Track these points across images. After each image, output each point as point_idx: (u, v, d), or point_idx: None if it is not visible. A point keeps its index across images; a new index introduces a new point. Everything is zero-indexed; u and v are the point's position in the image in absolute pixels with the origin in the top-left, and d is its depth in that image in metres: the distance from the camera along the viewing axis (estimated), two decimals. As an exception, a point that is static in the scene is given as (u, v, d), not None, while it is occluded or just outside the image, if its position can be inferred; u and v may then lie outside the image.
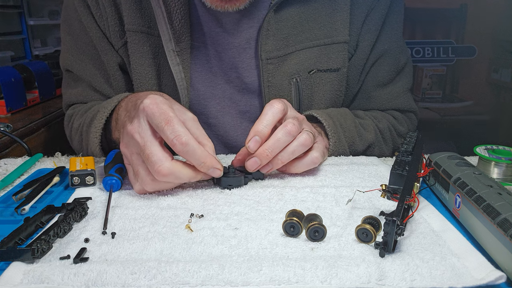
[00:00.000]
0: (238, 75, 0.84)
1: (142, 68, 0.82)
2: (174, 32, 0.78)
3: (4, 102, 1.21)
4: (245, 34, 0.81)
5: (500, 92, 2.26)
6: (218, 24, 0.81)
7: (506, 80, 2.17)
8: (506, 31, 2.14)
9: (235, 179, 0.63)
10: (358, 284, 0.40)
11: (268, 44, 0.79)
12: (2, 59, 1.64)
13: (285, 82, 0.81)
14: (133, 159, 0.58)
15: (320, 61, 0.82)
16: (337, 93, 0.84)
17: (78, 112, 0.87)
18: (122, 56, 0.85)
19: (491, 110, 2.23)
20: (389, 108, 0.90)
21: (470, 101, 2.21)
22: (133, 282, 0.40)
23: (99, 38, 0.84)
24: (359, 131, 0.81)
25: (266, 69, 0.80)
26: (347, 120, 0.81)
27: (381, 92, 0.88)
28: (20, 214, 0.55)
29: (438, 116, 2.15)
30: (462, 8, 2.21)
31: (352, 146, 0.80)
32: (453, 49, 2.23)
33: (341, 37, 0.81)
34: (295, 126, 0.61)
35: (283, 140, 0.61)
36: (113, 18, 0.81)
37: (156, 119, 0.55)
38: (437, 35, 2.29)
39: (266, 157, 0.61)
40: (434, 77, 2.28)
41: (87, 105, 0.87)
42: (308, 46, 0.81)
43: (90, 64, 0.86)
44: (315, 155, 0.66)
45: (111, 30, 0.82)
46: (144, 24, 0.80)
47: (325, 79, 0.83)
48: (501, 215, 0.44)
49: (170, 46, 0.78)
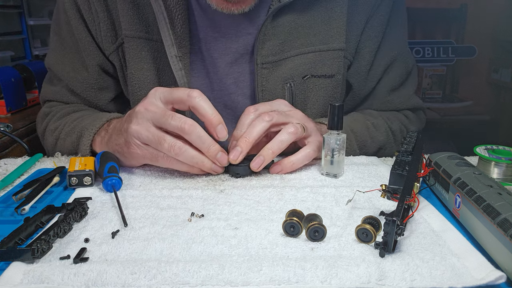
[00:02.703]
0: (234, 81, 0.84)
1: (140, 73, 0.82)
2: (176, 37, 0.78)
3: (4, 102, 1.21)
4: (243, 39, 0.82)
5: (500, 92, 2.26)
6: (215, 30, 0.81)
7: (506, 80, 2.17)
8: (506, 31, 2.14)
9: (242, 168, 0.66)
10: (358, 284, 0.40)
11: (264, 49, 0.80)
12: (2, 59, 1.64)
13: (279, 87, 0.82)
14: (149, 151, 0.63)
15: (315, 67, 0.83)
16: (330, 99, 0.86)
17: (56, 114, 0.87)
18: (113, 61, 0.85)
19: (491, 110, 2.23)
20: (403, 108, 0.92)
21: (470, 101, 2.22)
22: (133, 282, 0.40)
23: (87, 42, 0.84)
24: (371, 133, 0.84)
25: (261, 74, 0.81)
26: (358, 124, 0.84)
27: (395, 96, 0.91)
28: (20, 214, 0.55)
29: (438, 116, 2.16)
30: (462, 8, 2.22)
31: (363, 149, 0.82)
32: (453, 49, 2.23)
33: (336, 44, 0.82)
34: (267, 114, 0.66)
35: (258, 126, 0.65)
36: (105, 24, 0.82)
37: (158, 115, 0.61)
38: (437, 35, 2.29)
39: (246, 142, 0.64)
40: (434, 77, 2.28)
41: (65, 109, 0.87)
42: (303, 52, 0.82)
43: (71, 67, 0.87)
44: (308, 150, 0.68)
45: (102, 35, 0.83)
46: (142, 30, 0.81)
47: (319, 85, 0.84)
48: (501, 215, 0.44)
49: (173, 51, 0.78)
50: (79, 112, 0.85)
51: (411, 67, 0.91)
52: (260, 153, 0.65)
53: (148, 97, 0.64)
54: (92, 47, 0.84)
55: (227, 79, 0.84)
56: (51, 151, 0.86)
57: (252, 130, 0.65)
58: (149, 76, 0.82)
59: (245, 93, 0.85)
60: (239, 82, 0.84)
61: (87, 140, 0.74)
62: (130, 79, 0.83)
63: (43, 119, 0.90)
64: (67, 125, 0.81)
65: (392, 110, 0.91)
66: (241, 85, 0.84)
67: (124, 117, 0.68)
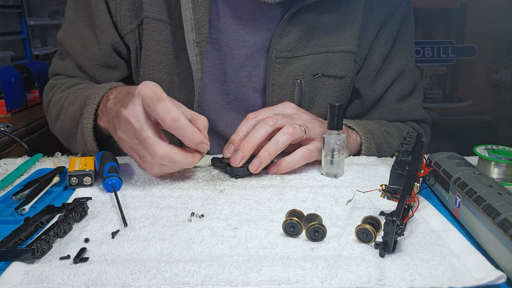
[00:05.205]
0: (247, 74, 0.86)
1: (156, 56, 0.83)
2: (197, 22, 0.79)
3: (4, 102, 1.21)
4: (262, 34, 0.83)
5: (500, 92, 2.26)
6: (236, 21, 0.82)
7: (506, 80, 2.17)
8: (506, 31, 2.14)
9: (242, 169, 0.66)
10: (358, 284, 0.40)
11: (280, 44, 0.82)
12: (2, 59, 1.64)
13: (290, 82, 0.84)
14: (133, 144, 0.60)
15: (326, 66, 0.85)
16: (337, 100, 0.87)
17: (61, 86, 0.88)
18: (129, 42, 0.85)
19: (491, 110, 2.23)
20: (409, 119, 0.94)
21: (470, 101, 2.22)
22: (133, 282, 0.40)
23: (104, 19, 0.84)
24: (386, 137, 0.85)
25: (273, 68, 0.82)
26: (374, 127, 0.85)
27: (402, 105, 0.92)
28: (20, 214, 0.55)
29: (438, 116, 2.15)
30: (462, 8, 2.21)
31: (380, 152, 0.83)
32: (453, 49, 2.23)
33: (349, 46, 0.85)
34: (271, 118, 0.66)
35: (260, 130, 0.65)
36: (126, 3, 0.82)
37: (149, 99, 0.57)
38: (437, 35, 2.28)
39: (248, 148, 0.65)
40: (434, 77, 2.28)
41: (71, 81, 0.88)
42: (316, 51, 0.84)
43: (80, 43, 0.87)
44: (304, 150, 0.68)
45: (122, 14, 0.83)
46: (163, 13, 0.81)
47: (328, 85, 0.86)
48: (501, 215, 0.44)
49: (192, 36, 0.78)
50: (83, 84, 0.86)
51: (417, 80, 0.94)
52: (258, 155, 0.66)
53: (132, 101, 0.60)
54: (108, 25, 0.84)
55: (241, 71, 0.85)
56: (54, 123, 0.87)
57: (254, 135, 0.66)
58: (164, 60, 0.83)
59: (256, 87, 0.87)
60: (252, 75, 0.86)
61: (91, 108, 0.73)
62: (143, 60, 0.84)
63: (49, 91, 0.91)
64: (70, 95, 0.82)
65: (399, 121, 0.93)
66: (254, 79, 0.86)
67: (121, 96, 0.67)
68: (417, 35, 2.26)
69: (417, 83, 0.94)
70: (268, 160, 0.66)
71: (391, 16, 0.87)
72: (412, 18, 0.92)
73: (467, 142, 1.07)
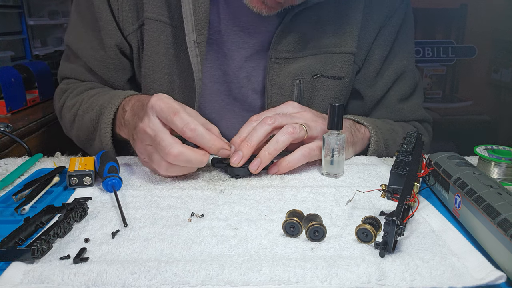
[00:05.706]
0: (246, 75, 0.86)
1: (156, 57, 0.83)
2: (197, 23, 0.79)
3: (4, 102, 1.21)
4: (262, 36, 0.83)
5: (500, 92, 2.26)
6: (236, 23, 0.83)
7: (506, 80, 2.17)
8: (506, 31, 2.14)
9: (242, 169, 0.66)
10: (358, 284, 0.40)
11: (280, 45, 0.82)
12: (2, 59, 1.64)
13: (288, 82, 0.84)
14: (147, 149, 0.64)
15: (325, 67, 0.85)
16: (336, 100, 0.87)
17: (73, 91, 0.89)
18: (131, 42, 0.85)
19: (491, 110, 2.22)
20: (411, 119, 0.94)
21: (470, 101, 2.22)
22: (133, 282, 0.40)
23: (107, 21, 0.84)
24: (392, 134, 0.85)
25: (272, 68, 0.83)
26: (380, 123, 0.85)
27: (404, 106, 0.93)
28: (20, 214, 0.55)
29: (438, 116, 2.16)
30: (462, 8, 2.21)
31: (387, 148, 0.83)
32: (453, 49, 2.23)
33: (348, 48, 0.85)
34: (270, 117, 0.67)
35: (259, 130, 0.66)
36: (128, 4, 0.83)
37: (165, 113, 0.61)
38: (437, 35, 2.29)
39: (247, 147, 0.65)
40: (434, 77, 2.28)
41: (83, 86, 0.89)
42: (315, 53, 0.84)
43: (89, 45, 0.88)
44: (304, 149, 0.68)
45: (124, 15, 0.83)
46: (164, 14, 0.82)
47: (327, 85, 0.86)
48: (501, 215, 0.44)
49: (192, 37, 0.79)
50: (95, 89, 0.87)
51: (418, 81, 0.94)
52: (258, 155, 0.66)
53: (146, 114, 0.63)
54: (112, 26, 0.85)
55: (240, 72, 0.86)
56: (69, 128, 0.89)
57: (253, 134, 0.66)
58: (164, 61, 0.84)
59: (255, 88, 0.87)
60: (251, 76, 0.86)
61: (108, 118, 0.76)
62: (145, 61, 0.84)
63: (60, 96, 0.92)
64: (84, 102, 0.84)
65: (402, 121, 0.93)
66: (253, 80, 0.86)
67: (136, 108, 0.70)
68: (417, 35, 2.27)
69: (417, 83, 0.94)
70: (268, 160, 0.66)
71: (390, 17, 0.87)
72: (412, 19, 0.92)
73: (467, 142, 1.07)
